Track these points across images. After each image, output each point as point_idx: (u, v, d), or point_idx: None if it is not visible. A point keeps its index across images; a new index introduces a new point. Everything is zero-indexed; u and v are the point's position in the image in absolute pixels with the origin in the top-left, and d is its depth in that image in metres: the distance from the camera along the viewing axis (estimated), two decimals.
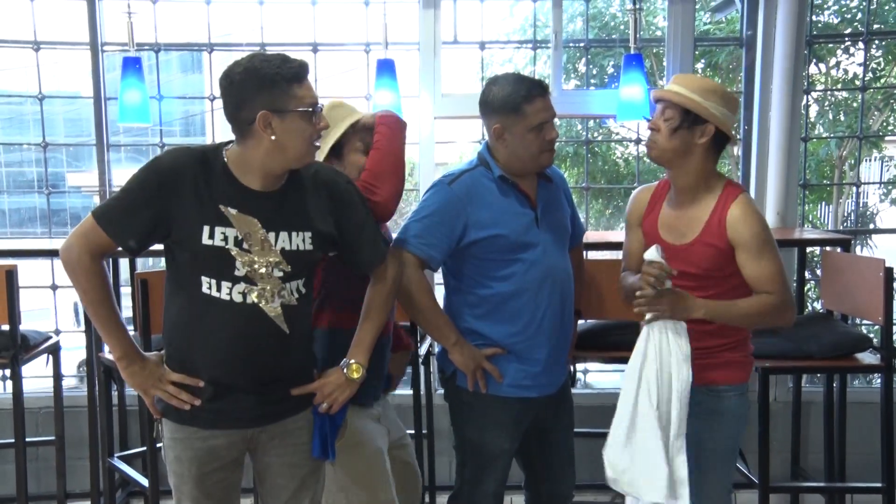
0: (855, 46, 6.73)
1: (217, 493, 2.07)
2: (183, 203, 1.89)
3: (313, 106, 1.90)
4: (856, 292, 3.12)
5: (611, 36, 7.40)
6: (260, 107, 1.85)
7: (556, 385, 2.46)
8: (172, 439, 2.03)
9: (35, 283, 3.88)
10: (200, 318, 1.95)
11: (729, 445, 2.32)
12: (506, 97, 2.27)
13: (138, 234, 1.92)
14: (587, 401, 3.49)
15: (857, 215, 5.92)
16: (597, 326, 3.15)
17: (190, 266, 1.93)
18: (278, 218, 1.96)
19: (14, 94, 7.25)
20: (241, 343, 1.95)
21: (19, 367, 3.06)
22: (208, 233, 1.89)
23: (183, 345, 1.99)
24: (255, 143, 1.89)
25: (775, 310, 2.18)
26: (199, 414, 1.99)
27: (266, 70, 1.85)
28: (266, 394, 2.02)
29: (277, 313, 1.96)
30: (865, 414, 3.50)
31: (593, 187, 7.40)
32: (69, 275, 1.95)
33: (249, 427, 2.04)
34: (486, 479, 2.44)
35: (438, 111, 3.76)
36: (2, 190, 7.22)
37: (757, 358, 2.90)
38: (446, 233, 2.30)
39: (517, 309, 2.33)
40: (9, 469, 3.29)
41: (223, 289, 1.92)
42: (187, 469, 2.02)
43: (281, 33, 4.22)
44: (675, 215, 2.30)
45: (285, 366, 2.03)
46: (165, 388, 1.98)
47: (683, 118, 2.17)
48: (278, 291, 1.96)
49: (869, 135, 6.41)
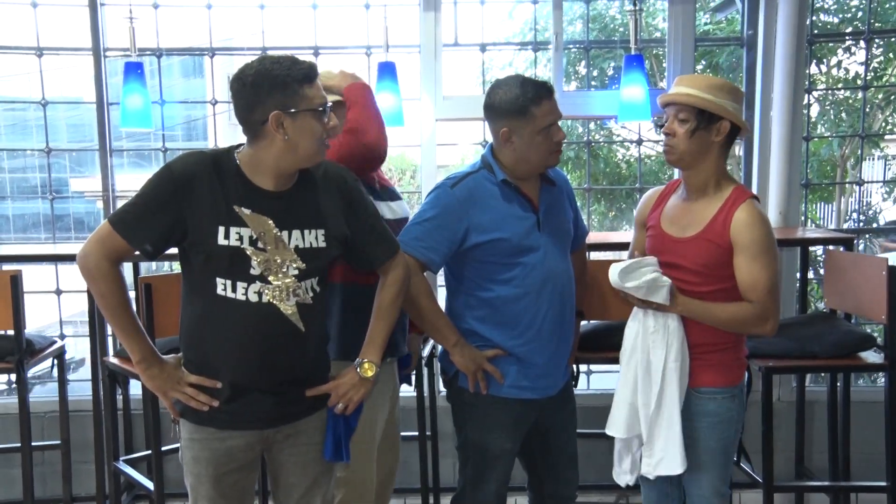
0: (856, 45, 6.72)
1: (232, 494, 2.09)
2: (198, 206, 1.93)
3: (323, 106, 1.94)
4: (859, 291, 3.12)
5: (611, 38, 7.41)
6: (272, 108, 1.89)
7: (557, 387, 2.47)
8: (191, 440, 2.06)
9: (39, 288, 3.89)
10: (217, 320, 1.97)
11: (720, 448, 2.31)
12: (513, 100, 2.27)
13: (155, 238, 1.96)
14: (591, 401, 3.49)
15: (859, 214, 5.92)
16: (600, 327, 3.16)
17: (205, 268, 1.96)
18: (291, 217, 1.99)
19: (17, 99, 7.29)
20: (258, 342, 1.97)
21: (25, 371, 3.07)
22: (223, 233, 1.93)
23: (200, 347, 2.02)
24: (267, 143, 1.93)
25: (754, 319, 2.19)
26: (218, 415, 2.02)
27: (277, 72, 1.89)
28: (283, 393, 2.04)
29: (293, 312, 1.99)
30: (870, 413, 3.50)
31: (595, 189, 7.42)
32: (87, 281, 1.98)
33: (266, 428, 2.06)
34: (488, 479, 2.45)
35: (440, 113, 3.76)
36: (6, 196, 7.22)
37: (760, 357, 2.92)
38: (447, 236, 2.31)
39: (518, 312, 2.34)
40: (15, 473, 3.30)
41: (238, 289, 1.95)
42: (205, 469, 2.05)
43: (282, 37, 4.23)
44: (680, 209, 2.32)
45: (301, 365, 2.06)
46: (184, 389, 2.01)
47: (699, 119, 2.19)
48: (293, 290, 1.99)
49: (871, 133, 6.41)
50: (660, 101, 2.32)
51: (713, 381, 2.28)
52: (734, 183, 2.29)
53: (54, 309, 3.94)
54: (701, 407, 2.28)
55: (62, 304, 3.95)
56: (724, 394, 2.29)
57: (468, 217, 2.30)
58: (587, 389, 3.84)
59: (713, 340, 2.27)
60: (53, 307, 3.93)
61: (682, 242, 2.25)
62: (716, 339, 2.27)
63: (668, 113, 2.28)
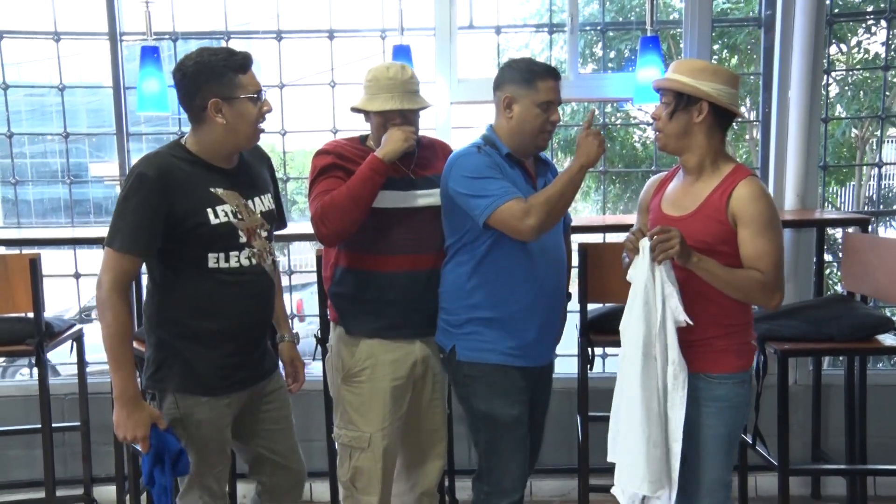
0: (877, 25, 6.63)
1: (224, 459, 2.35)
2: (182, 196, 2.13)
3: (257, 93, 2.18)
4: (876, 273, 3.10)
5: (628, 19, 7.35)
6: (210, 95, 2.12)
7: (546, 359, 2.59)
8: (196, 406, 2.24)
9: (59, 272, 3.93)
10: (215, 289, 2.19)
11: (727, 434, 2.30)
12: (522, 70, 2.41)
13: (158, 240, 2.12)
14: (605, 384, 3.49)
15: (878, 196, 5.85)
16: (615, 310, 3.15)
17: (194, 248, 2.16)
18: (248, 187, 2.28)
19: (36, 85, 7.33)
20: (255, 298, 2.27)
21: (44, 354, 3.11)
22: (213, 213, 2.16)
23: (195, 322, 2.19)
24: (209, 128, 2.17)
25: (761, 288, 2.17)
26: (216, 382, 2.24)
27: (214, 62, 2.12)
28: (260, 349, 2.35)
29: (270, 268, 2.32)
30: (887, 396, 3.49)
31: (611, 171, 7.38)
32: (98, 310, 2.13)
33: (250, 387, 2.34)
34: (501, 451, 2.47)
35: (455, 96, 3.76)
36: (26, 180, 7.29)
37: (776, 340, 2.91)
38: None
39: (514, 282, 2.41)
40: (36, 454, 3.35)
41: (231, 259, 2.21)
42: (211, 432, 2.26)
43: (297, 21, 4.23)
44: (679, 191, 2.33)
45: (268, 318, 2.39)
46: (157, 422, 2.17)
47: (678, 101, 2.24)
48: (268, 249, 2.31)
49: (891, 115, 6.33)
50: (654, 89, 2.37)
51: (724, 366, 2.27)
52: (733, 162, 2.29)
53: (73, 293, 3.98)
54: (710, 392, 2.27)
55: (81, 287, 3.98)
56: (735, 379, 2.28)
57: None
58: (602, 373, 3.83)
59: (723, 329, 2.26)
60: (73, 291, 3.97)
61: (679, 221, 2.25)
62: (726, 326, 2.26)
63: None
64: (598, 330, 3.10)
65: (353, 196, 2.32)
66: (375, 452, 2.54)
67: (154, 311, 2.24)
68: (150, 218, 2.08)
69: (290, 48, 3.89)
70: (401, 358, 2.54)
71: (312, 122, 4.19)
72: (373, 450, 2.54)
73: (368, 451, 2.54)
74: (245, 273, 2.22)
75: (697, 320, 2.19)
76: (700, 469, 2.30)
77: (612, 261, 2.95)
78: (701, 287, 2.20)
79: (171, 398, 2.24)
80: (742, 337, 2.31)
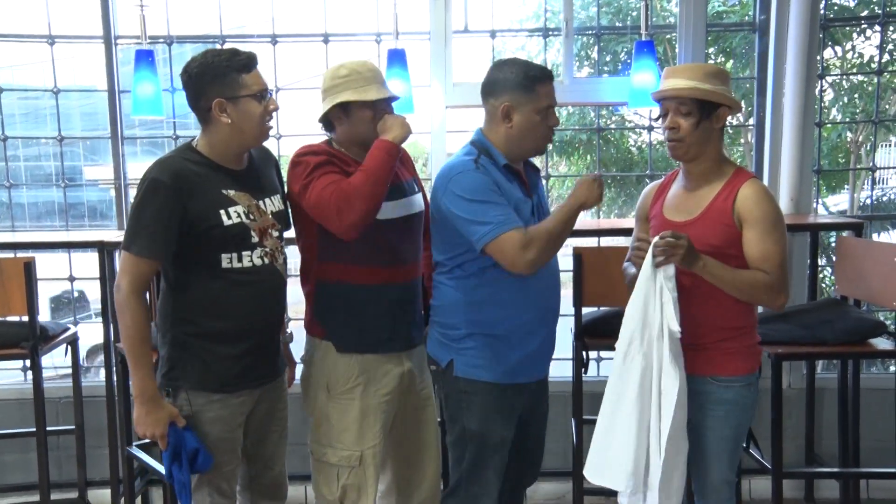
0: (871, 29, 6.64)
1: (235, 458, 2.36)
2: (197, 199, 2.16)
3: (262, 92, 2.21)
4: (870, 278, 3.11)
5: (625, 22, 7.35)
6: (214, 95, 2.15)
7: (543, 372, 2.50)
8: (208, 404, 2.26)
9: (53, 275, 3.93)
10: (230, 288, 2.22)
11: (733, 436, 2.30)
12: (521, 75, 2.29)
13: (174, 244, 2.15)
14: (599, 388, 3.49)
15: (873, 201, 5.86)
16: (609, 314, 3.16)
17: (207, 249, 2.17)
18: (258, 189, 2.30)
19: (31, 88, 7.31)
20: (269, 296, 2.30)
21: (39, 357, 3.10)
22: (226, 215, 2.19)
23: (209, 322, 2.21)
24: (215, 128, 2.20)
25: (767, 289, 2.18)
26: (230, 380, 2.26)
27: (217, 63, 2.16)
28: (273, 346, 2.38)
29: (282, 267, 2.34)
30: (880, 400, 3.49)
31: (605, 175, 7.38)
32: (117, 313, 2.18)
33: (264, 384, 2.36)
34: (486, 469, 2.39)
35: (450, 100, 3.76)
36: (20, 184, 7.28)
37: (770, 344, 2.92)
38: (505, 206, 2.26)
39: (519, 298, 2.32)
40: (31, 457, 3.35)
41: (244, 258, 2.23)
42: (221, 432, 2.28)
43: (292, 24, 4.23)
44: (682, 196, 2.32)
45: (281, 316, 2.41)
46: (175, 420, 2.20)
47: (701, 110, 2.20)
48: (279, 248, 2.33)
49: (885, 119, 6.34)
50: (656, 97, 2.30)
51: (732, 369, 2.27)
52: (734, 165, 2.30)
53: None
54: (718, 395, 2.26)
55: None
56: (742, 381, 2.28)
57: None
58: (597, 377, 3.83)
59: (728, 331, 2.26)
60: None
61: (685, 226, 2.24)
62: (731, 328, 2.26)
63: (666, 107, 2.26)
64: (593, 334, 3.11)
65: (375, 180, 2.22)
66: (367, 470, 2.45)
67: (169, 312, 2.25)
68: (166, 222, 2.12)
69: (285, 52, 3.89)
70: (392, 371, 2.48)
71: (307, 125, 4.18)
72: (364, 467, 2.45)
73: (360, 469, 2.45)
74: (258, 272, 2.25)
75: (706, 323, 2.20)
76: (705, 470, 2.31)
77: (606, 265, 2.96)
78: (709, 291, 2.20)
79: (183, 395, 2.26)
80: (749, 339, 2.31)
